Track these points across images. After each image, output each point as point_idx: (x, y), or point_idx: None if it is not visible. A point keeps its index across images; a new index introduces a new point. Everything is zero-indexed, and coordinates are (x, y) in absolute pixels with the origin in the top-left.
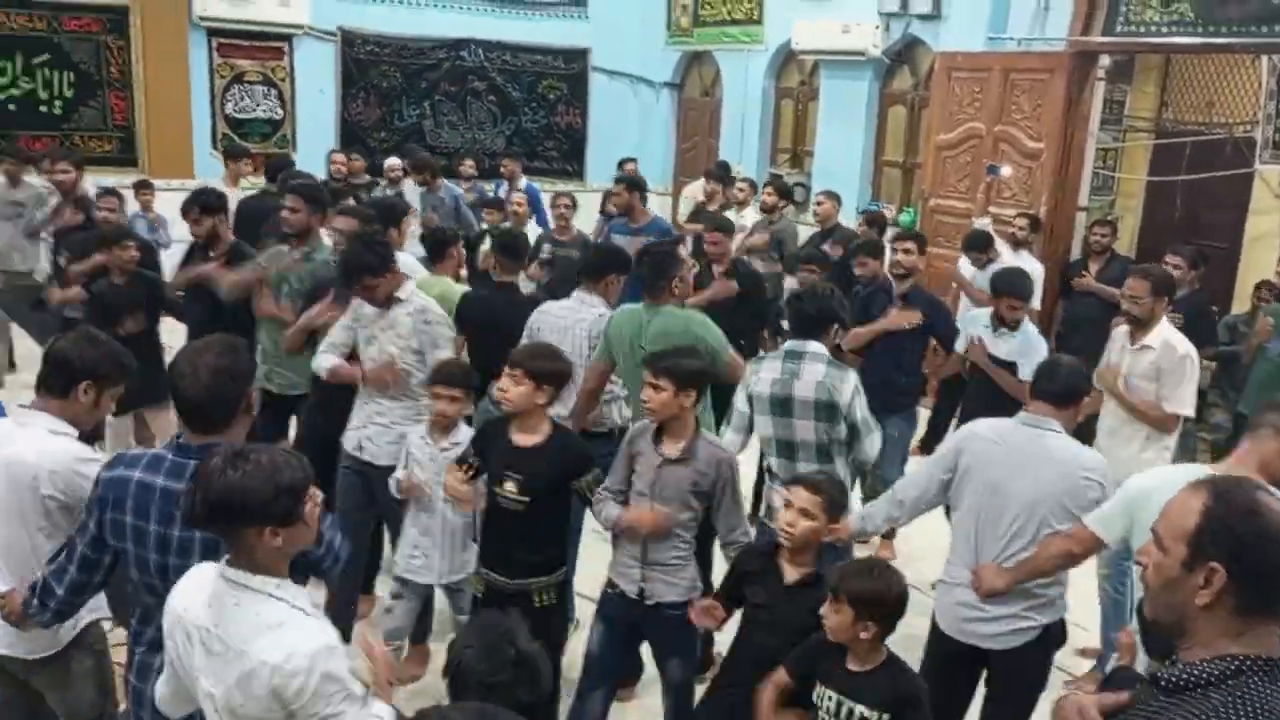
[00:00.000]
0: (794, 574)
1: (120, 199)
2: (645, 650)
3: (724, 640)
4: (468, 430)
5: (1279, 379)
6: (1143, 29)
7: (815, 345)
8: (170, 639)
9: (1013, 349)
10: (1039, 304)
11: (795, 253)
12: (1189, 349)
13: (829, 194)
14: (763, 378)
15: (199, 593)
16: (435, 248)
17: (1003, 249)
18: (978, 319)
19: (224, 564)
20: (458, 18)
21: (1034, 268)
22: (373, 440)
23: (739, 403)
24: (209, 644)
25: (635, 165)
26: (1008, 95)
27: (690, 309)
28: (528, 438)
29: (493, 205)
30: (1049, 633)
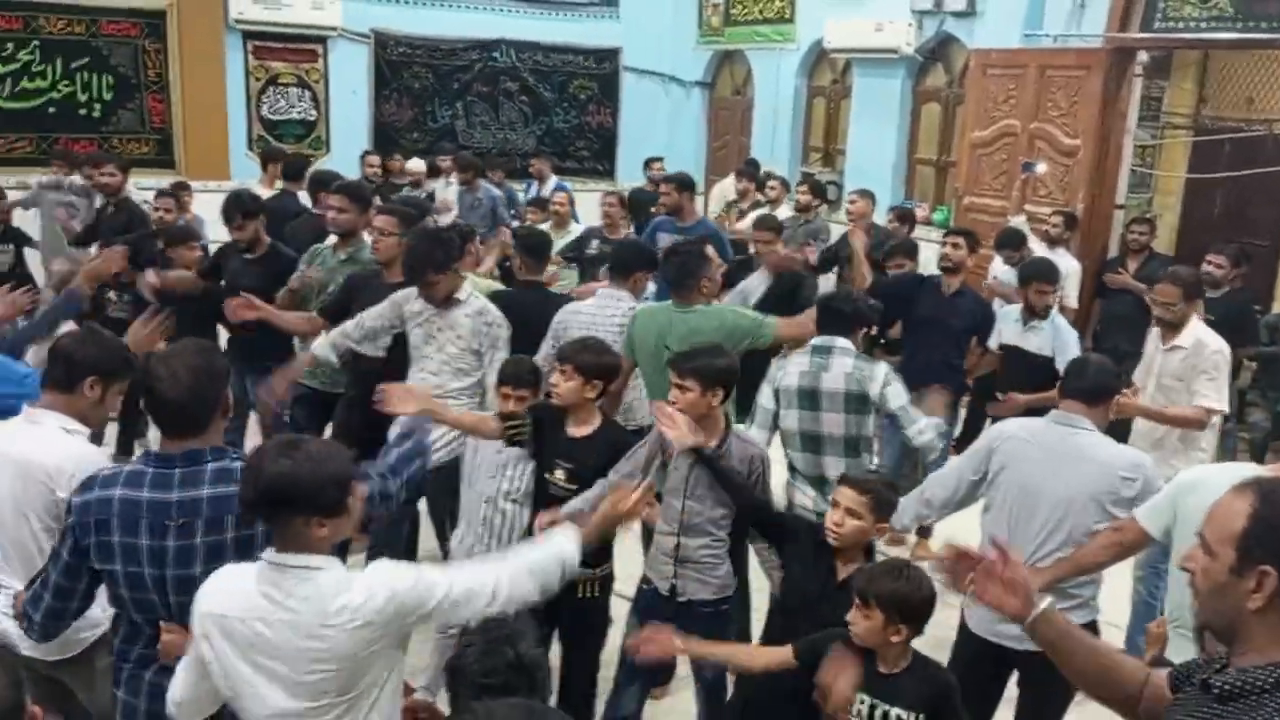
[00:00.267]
0: (844, 571)
1: (177, 200)
2: None
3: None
4: None
5: None
6: (1181, 24)
7: (843, 341)
8: (203, 642)
9: (1043, 342)
10: (1075, 302)
11: (827, 250)
12: (1221, 345)
13: (863, 192)
14: (790, 371)
15: (239, 590)
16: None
17: (1038, 247)
18: (1008, 314)
19: (270, 553)
20: (489, 18)
21: (1070, 266)
22: None
23: (764, 399)
24: (267, 631)
25: (662, 164)
26: (1044, 92)
27: (719, 303)
28: (580, 429)
29: (535, 205)
30: None
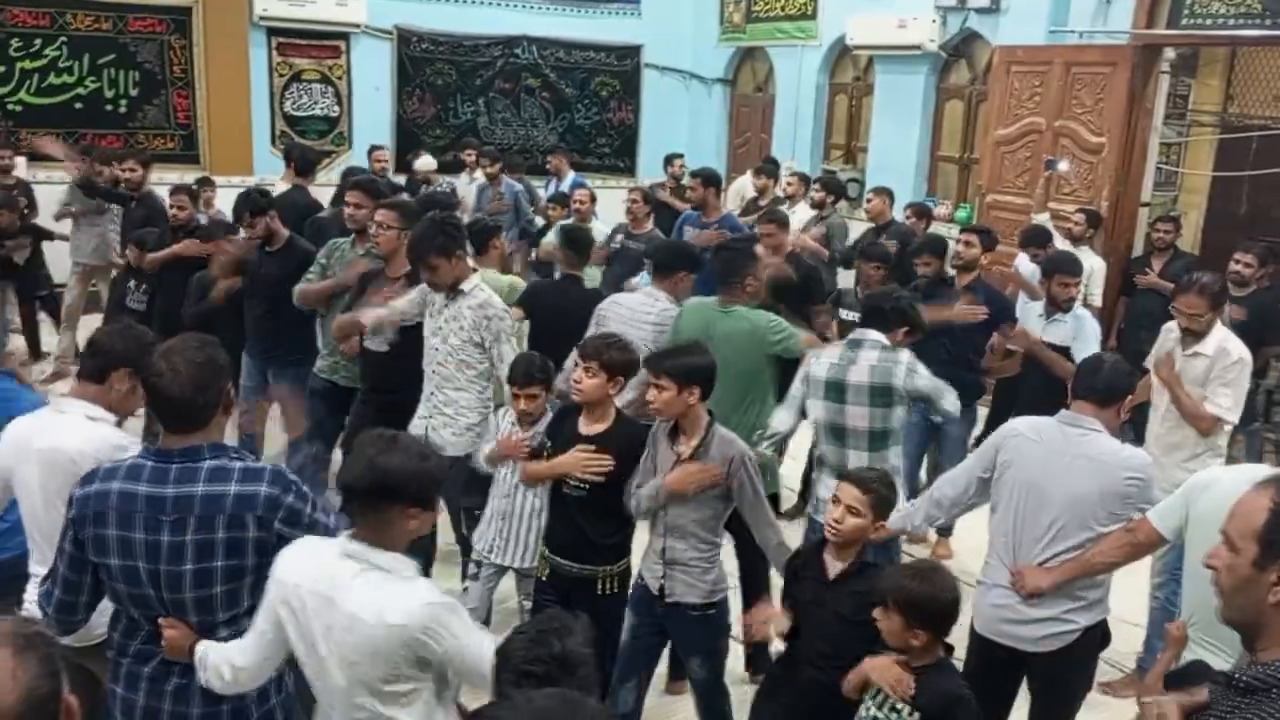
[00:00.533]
0: (837, 567)
1: (193, 196)
2: None
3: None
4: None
5: None
6: (1209, 21)
7: (875, 334)
8: (275, 609)
9: (1065, 334)
10: (1100, 300)
11: (847, 248)
12: (1243, 354)
13: (880, 190)
14: (822, 362)
15: (313, 565)
16: (478, 240)
17: (1062, 245)
18: (1032, 310)
19: (347, 539)
20: (511, 15)
21: (1095, 264)
22: (439, 431)
23: (795, 386)
24: (326, 612)
25: (683, 161)
26: (1069, 89)
27: (761, 309)
28: (593, 426)
29: (557, 201)
30: (1090, 635)
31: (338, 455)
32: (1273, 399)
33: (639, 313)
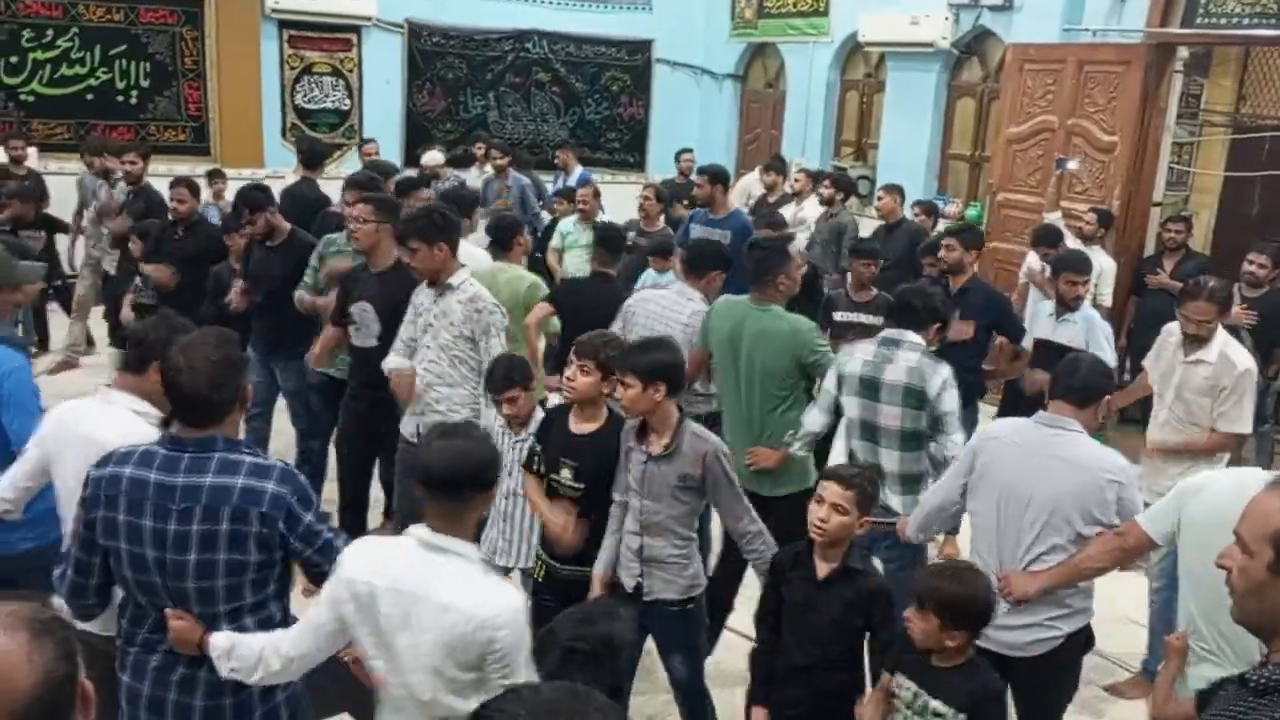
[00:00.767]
0: (826, 568)
1: (193, 189)
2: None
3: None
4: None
5: None
6: (1223, 20)
7: (913, 336)
8: (340, 605)
9: (1075, 335)
10: (1110, 300)
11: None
12: (1248, 363)
13: (890, 188)
14: (855, 358)
15: (387, 560)
16: (503, 236)
17: (1073, 244)
18: (1043, 309)
19: (423, 530)
20: (522, 9)
21: (1105, 263)
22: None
23: (828, 383)
24: (407, 605)
25: (692, 156)
26: (1081, 88)
27: (800, 315)
28: (585, 425)
29: (563, 196)
30: (1074, 640)
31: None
32: None
33: (670, 310)
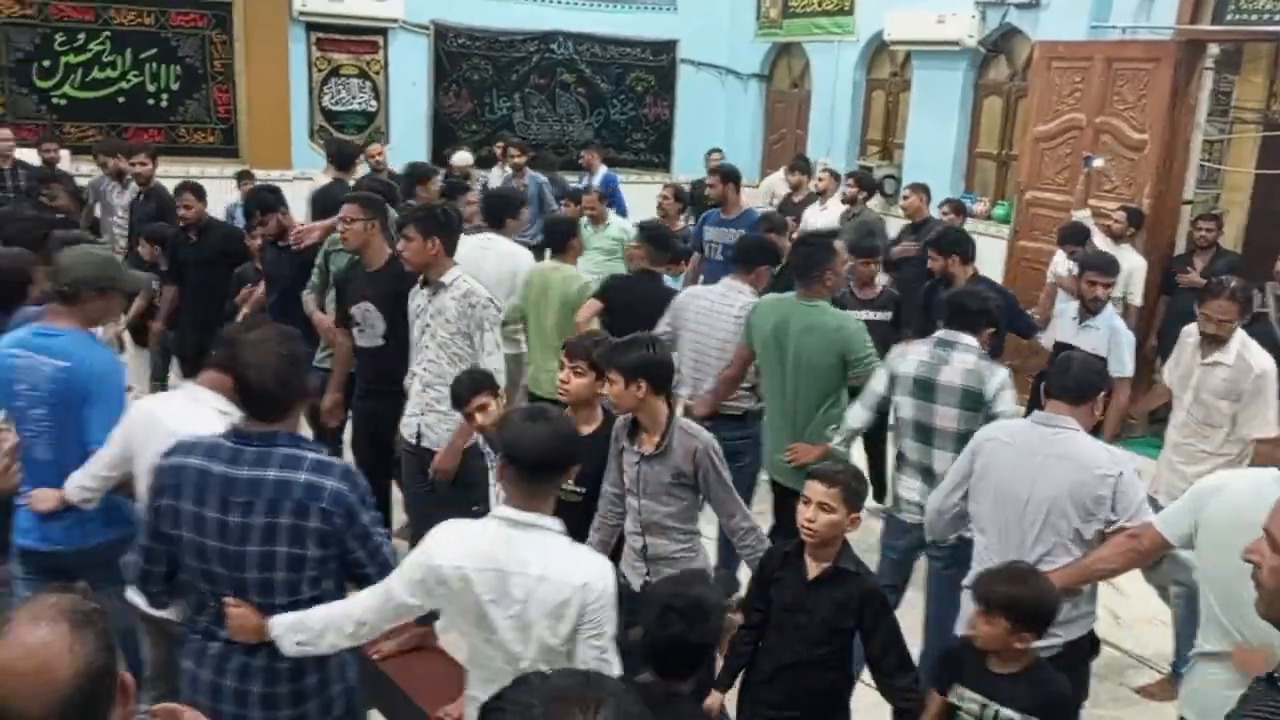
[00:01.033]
0: (816, 569)
1: (198, 194)
2: None
3: None
4: None
5: None
6: (1254, 17)
7: (967, 338)
8: (428, 588)
9: (1098, 342)
10: (1140, 299)
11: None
12: (1267, 365)
13: (916, 187)
14: (909, 359)
15: (474, 543)
16: (555, 237)
17: (1102, 243)
18: (1067, 311)
19: (508, 510)
20: (547, 10)
21: (1135, 262)
22: (431, 428)
23: (875, 382)
24: (501, 583)
25: (721, 155)
26: (1110, 85)
27: (849, 313)
28: (581, 428)
29: (570, 197)
30: (1075, 647)
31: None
32: None
33: (721, 305)
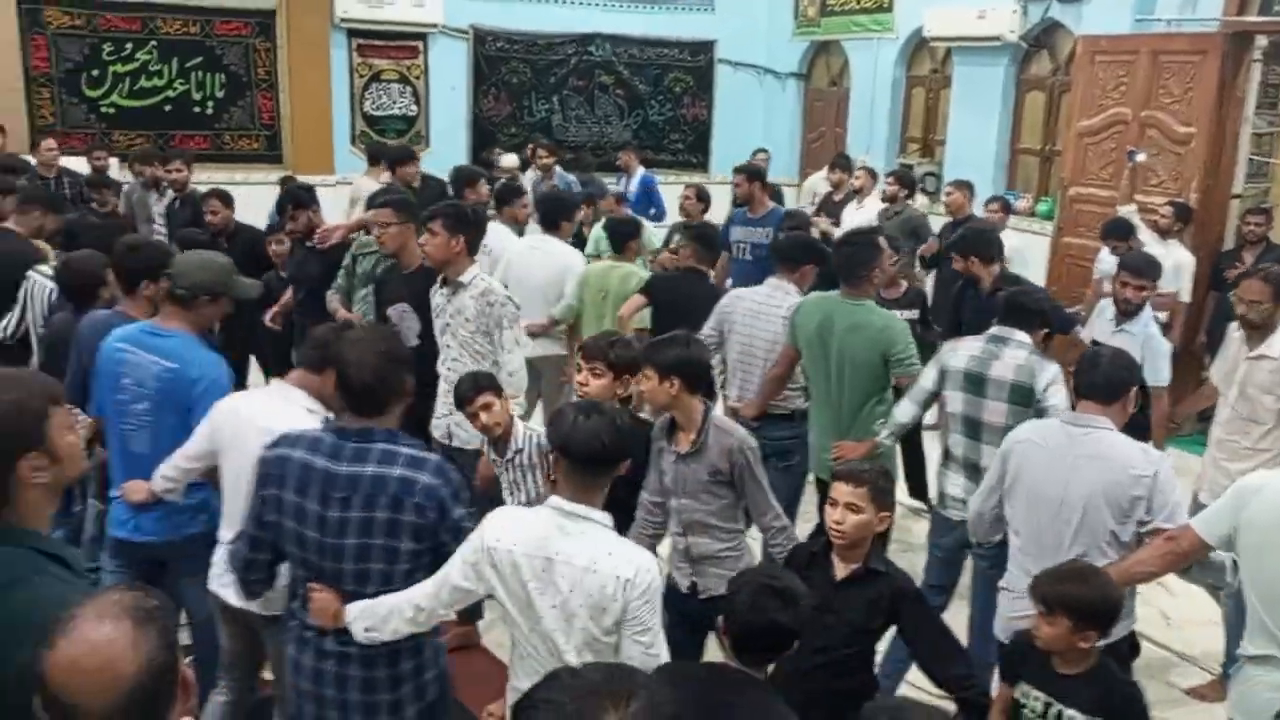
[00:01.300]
0: (845, 569)
1: (224, 199)
2: None
3: None
4: (526, 432)
5: None
6: None
7: (1021, 335)
8: (482, 571)
9: (1133, 348)
10: (1189, 296)
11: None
12: None
13: (959, 184)
14: (960, 353)
15: (526, 530)
16: (616, 238)
17: (1149, 239)
18: (1104, 310)
19: (560, 501)
20: (585, 13)
21: (1183, 258)
22: (461, 426)
23: (925, 378)
24: (548, 572)
25: (766, 155)
26: (1155, 79)
27: (894, 313)
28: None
29: (587, 199)
30: (1113, 649)
31: None
32: None
33: (768, 305)
